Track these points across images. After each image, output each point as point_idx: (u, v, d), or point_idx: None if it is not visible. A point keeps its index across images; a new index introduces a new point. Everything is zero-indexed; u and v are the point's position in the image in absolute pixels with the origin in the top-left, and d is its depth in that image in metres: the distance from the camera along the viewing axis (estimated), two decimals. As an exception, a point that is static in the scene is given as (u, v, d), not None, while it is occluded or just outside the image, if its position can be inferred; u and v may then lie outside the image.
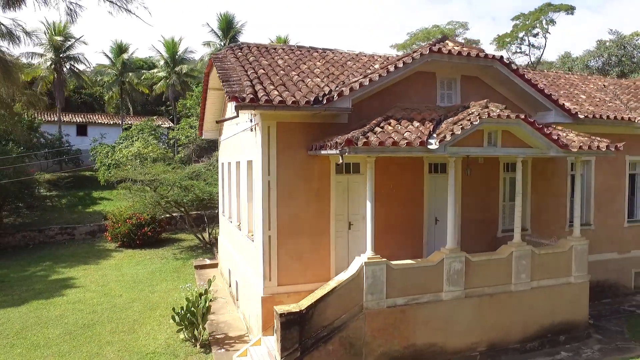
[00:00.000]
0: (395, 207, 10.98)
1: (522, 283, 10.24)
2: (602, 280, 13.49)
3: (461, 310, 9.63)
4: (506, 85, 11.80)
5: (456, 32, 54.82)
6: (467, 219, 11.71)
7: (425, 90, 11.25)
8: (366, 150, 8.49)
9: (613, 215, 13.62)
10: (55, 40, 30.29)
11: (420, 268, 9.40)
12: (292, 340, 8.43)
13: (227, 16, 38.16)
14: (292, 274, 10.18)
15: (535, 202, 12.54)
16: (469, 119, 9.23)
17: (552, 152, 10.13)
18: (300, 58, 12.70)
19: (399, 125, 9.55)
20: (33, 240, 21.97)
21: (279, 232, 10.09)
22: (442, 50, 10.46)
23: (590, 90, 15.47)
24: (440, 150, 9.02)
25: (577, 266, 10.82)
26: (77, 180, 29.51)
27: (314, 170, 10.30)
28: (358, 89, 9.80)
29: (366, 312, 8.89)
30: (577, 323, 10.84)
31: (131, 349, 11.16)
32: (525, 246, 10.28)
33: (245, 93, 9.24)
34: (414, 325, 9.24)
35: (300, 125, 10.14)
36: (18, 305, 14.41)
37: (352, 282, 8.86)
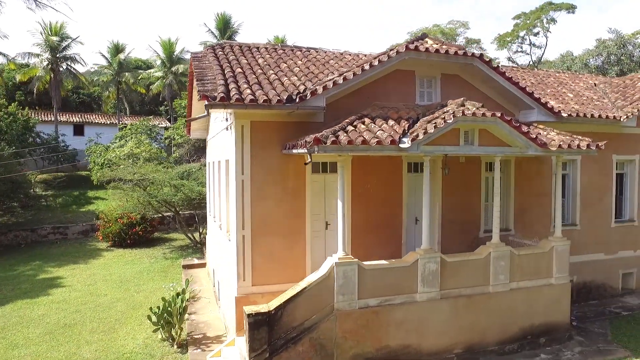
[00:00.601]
0: (373, 206, 10.86)
1: (501, 284, 10.08)
2: (588, 282, 13.29)
3: (436, 311, 9.49)
4: (488, 84, 11.65)
5: (457, 31, 54.56)
6: (448, 219, 11.56)
7: (404, 88, 11.11)
8: (335, 149, 8.37)
9: (600, 215, 13.41)
10: (51, 40, 30.42)
11: (393, 269, 9.27)
12: (261, 341, 8.34)
13: (224, 16, 38.19)
14: (267, 274, 10.08)
15: (518, 202, 12.37)
16: (443, 117, 9.10)
17: (530, 151, 9.97)
18: (281, 57, 12.61)
19: (372, 124, 9.43)
20: (25, 239, 22.03)
21: (253, 231, 9.99)
22: (419, 48, 10.33)
23: (580, 88, 15.27)
24: (413, 149, 8.89)
25: (558, 267, 10.65)
26: (73, 179, 29.61)
27: (288, 170, 10.20)
28: (331, 87, 9.68)
29: (337, 313, 8.78)
30: (558, 325, 10.66)
31: (109, 349, 11.11)
32: (503, 247, 10.13)
33: (216, 92, 9.16)
34: (387, 326, 9.11)
35: (275, 124, 10.04)
36: (2, 305, 14.41)
37: (322, 282, 8.75)
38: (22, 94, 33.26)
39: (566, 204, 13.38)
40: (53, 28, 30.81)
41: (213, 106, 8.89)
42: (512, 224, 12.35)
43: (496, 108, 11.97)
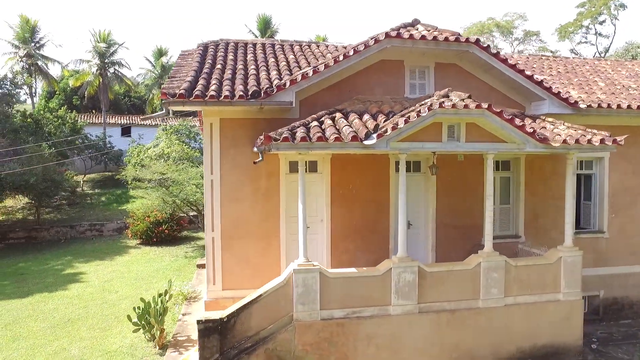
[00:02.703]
0: (356, 209, 10.07)
1: (493, 299, 8.90)
2: (620, 298, 11.53)
3: (414, 327, 8.54)
4: (491, 73, 10.42)
5: (514, 23, 51.44)
6: (444, 224, 10.48)
7: (392, 80, 10.20)
8: (289, 147, 7.75)
9: (635, 221, 11.57)
10: (99, 47, 32.31)
11: (362, 278, 8.45)
12: (212, 349, 7.91)
13: (265, 17, 38.56)
14: (239, 278, 9.66)
15: (530, 206, 10.97)
16: (418, 111, 8.15)
17: (529, 147, 8.71)
18: (275, 52, 12.16)
19: (343, 119, 8.68)
20: (65, 235, 23.35)
21: (223, 233, 9.61)
22: (402, 35, 9.38)
23: (619, 77, 13.36)
24: (381, 146, 8.04)
25: (567, 281, 9.24)
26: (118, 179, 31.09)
27: (261, 169, 9.70)
28: (300, 81, 9.04)
29: (296, 324, 8.14)
30: (567, 347, 9.25)
31: (97, 347, 11.22)
32: (497, 256, 8.93)
33: (178, 89, 8.87)
34: (354, 341, 8.32)
35: (246, 121, 9.59)
36: (22, 297, 15.20)
37: (280, 290, 8.15)
38: (78, 98, 35.64)
39: (592, 208, 11.71)
40: (101, 35, 32.76)
41: (171, 103, 8.60)
42: (522, 230, 10.97)
43: (502, 100, 10.72)
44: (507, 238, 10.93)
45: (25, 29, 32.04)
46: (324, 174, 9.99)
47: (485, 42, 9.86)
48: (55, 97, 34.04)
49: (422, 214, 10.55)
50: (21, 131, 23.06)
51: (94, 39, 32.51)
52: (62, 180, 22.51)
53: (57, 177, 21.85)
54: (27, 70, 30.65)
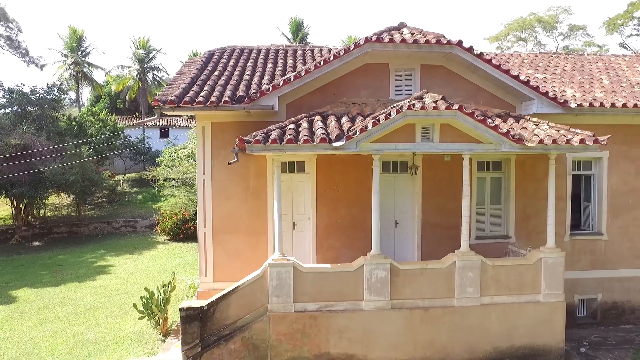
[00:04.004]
0: (341, 208, 10.45)
1: (469, 298, 9.00)
2: (620, 302, 11.17)
3: (386, 322, 8.81)
4: (478, 74, 10.47)
5: (559, 18, 49.50)
6: (430, 223, 10.63)
7: (377, 83, 10.48)
8: (261, 149, 8.26)
9: (637, 223, 11.16)
10: (139, 53, 34.37)
11: (336, 273, 8.83)
12: (193, 335, 8.58)
13: (297, 20, 39.40)
14: (229, 271, 10.30)
15: (521, 207, 10.88)
16: (387, 113, 8.44)
17: (504, 147, 8.75)
18: (276, 57, 12.75)
19: (320, 121, 9.10)
20: (102, 231, 25.11)
21: (215, 229, 10.29)
22: (382, 39, 9.67)
23: (632, 74, 12.86)
24: (351, 147, 8.39)
25: (548, 282, 9.16)
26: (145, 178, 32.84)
27: (249, 169, 10.29)
28: (282, 85, 9.55)
29: (271, 315, 8.65)
30: (547, 349, 9.18)
31: (110, 332, 12.25)
32: (472, 256, 9.02)
33: (170, 95, 9.62)
34: (327, 333, 8.71)
35: (236, 124, 10.21)
36: (56, 286, 16.67)
37: (256, 282, 8.70)
38: (121, 102, 38.05)
39: (591, 209, 11.41)
40: (140, 42, 34.83)
41: (162, 108, 9.36)
42: (512, 230, 10.90)
43: (491, 100, 10.75)
44: (498, 238, 10.92)
45: (73, 38, 34.76)
46: (310, 174, 10.44)
47: (468, 43, 9.85)
48: (101, 101, 36.55)
49: (408, 213, 10.76)
50: (65, 134, 25.02)
51: (134, 45, 34.70)
52: (99, 179, 24.23)
53: (94, 176, 23.57)
54: (75, 77, 33.23)
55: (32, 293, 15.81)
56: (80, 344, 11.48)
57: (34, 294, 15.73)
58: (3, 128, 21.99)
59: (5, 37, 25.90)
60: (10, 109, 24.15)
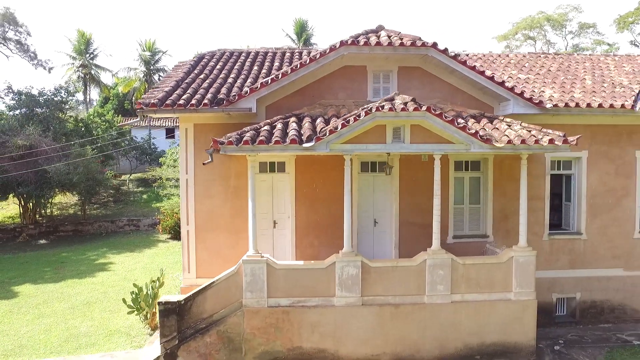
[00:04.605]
0: (320, 207, 10.71)
1: (439, 295, 9.18)
2: (599, 301, 11.22)
3: (357, 318, 9.05)
4: (455, 75, 10.63)
5: (568, 16, 49.07)
6: (408, 222, 10.83)
7: (355, 85, 10.72)
8: (233, 150, 8.57)
9: (616, 223, 11.19)
10: (145, 55, 35.10)
11: (308, 270, 9.11)
12: (171, 328, 8.93)
13: (301, 21, 39.73)
14: (211, 268, 10.62)
15: (499, 206, 11.00)
16: (357, 114, 8.68)
17: (474, 147, 8.93)
18: (264, 60, 13.07)
19: (295, 123, 9.38)
20: (106, 229, 25.74)
21: (197, 227, 10.64)
22: (357, 42, 9.91)
23: (618, 73, 12.87)
24: (321, 148, 8.66)
25: (519, 281, 9.29)
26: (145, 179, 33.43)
27: (230, 169, 10.61)
28: (260, 88, 9.85)
29: (245, 310, 8.96)
30: (518, 346, 9.32)
31: (102, 326, 12.71)
32: (443, 254, 9.21)
33: (154, 98, 9.99)
34: (299, 328, 8.99)
35: (217, 126, 10.54)
36: (56, 282, 17.23)
37: (231, 278, 9.02)
38: (129, 103, 38.83)
39: (571, 209, 11.48)
40: (147, 44, 35.58)
41: (144, 111, 9.74)
42: (490, 230, 11.04)
43: (469, 101, 10.91)
44: (476, 238, 11.06)
45: (81, 41, 35.66)
46: (290, 174, 10.73)
47: (443, 45, 10.04)
48: (109, 103, 37.41)
49: (387, 212, 10.97)
50: (72, 134, 25.70)
51: (140, 47, 35.45)
52: (103, 179, 24.84)
53: (98, 176, 24.18)
54: (82, 79, 34.10)
55: (33, 289, 16.37)
56: (72, 337, 11.94)
57: (35, 289, 16.29)
58: (11, 129, 22.70)
59: (15, 41, 26.76)
60: (18, 110, 24.88)
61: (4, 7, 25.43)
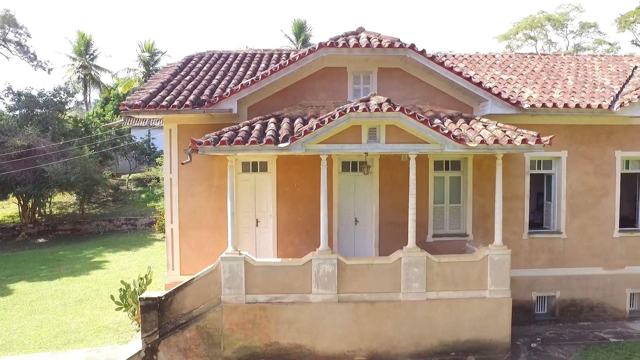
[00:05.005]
0: (301, 206, 10.89)
1: (414, 293, 9.34)
2: (579, 300, 11.32)
3: (333, 315, 9.23)
4: (435, 76, 10.78)
5: (569, 15, 49.02)
6: (388, 221, 10.99)
7: (335, 86, 10.91)
8: (212, 150, 8.78)
9: (596, 222, 11.29)
10: (144, 56, 35.46)
11: (285, 267, 9.29)
12: (152, 323, 9.16)
13: (299, 22, 39.93)
14: (195, 265, 10.84)
15: (479, 205, 11.13)
16: (332, 115, 8.86)
17: (448, 147, 9.08)
18: (251, 62, 13.28)
19: (274, 124, 9.57)
20: (104, 228, 26.08)
21: (181, 225, 10.87)
22: (336, 44, 10.09)
23: (602, 74, 12.96)
24: (296, 148, 8.85)
25: (494, 279, 9.43)
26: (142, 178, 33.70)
27: (213, 169, 10.82)
28: (240, 90, 10.05)
29: (224, 306, 9.16)
30: (493, 343, 9.46)
31: (92, 322, 12.97)
32: (418, 252, 9.37)
33: (138, 99, 10.22)
34: (276, 324, 9.19)
35: (200, 126, 10.75)
36: (51, 280, 17.53)
37: (210, 275, 9.23)
38: (130, 104, 39.17)
39: (552, 208, 11.60)
40: (146, 45, 35.95)
41: (128, 112, 9.97)
42: (470, 229, 11.17)
43: (449, 102, 11.07)
44: (456, 236, 11.21)
45: (81, 42, 36.08)
46: (272, 174, 10.93)
47: (420, 46, 10.19)
48: (110, 103, 37.80)
49: (367, 211, 11.14)
50: (70, 135, 26.04)
51: (140, 48, 35.83)
52: (100, 178, 25.17)
53: (96, 175, 24.50)
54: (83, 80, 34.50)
55: (29, 286, 16.68)
56: (62, 333, 12.20)
57: (30, 287, 16.59)
58: (10, 130, 23.04)
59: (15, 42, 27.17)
60: (18, 111, 25.24)
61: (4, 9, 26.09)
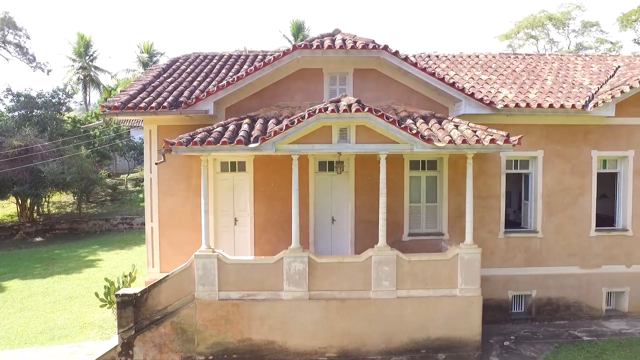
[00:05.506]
0: (278, 205, 11.06)
1: (384, 291, 9.47)
2: (555, 299, 11.39)
3: (304, 312, 9.39)
4: (410, 77, 10.91)
5: (571, 14, 48.85)
6: (364, 220, 11.13)
7: (311, 87, 11.06)
8: (185, 150, 8.98)
9: (572, 222, 11.35)
10: (143, 57, 35.87)
11: (257, 265, 9.47)
12: (128, 319, 9.38)
13: (298, 22, 40.15)
14: (174, 263, 11.04)
15: (455, 205, 11.23)
16: (301, 116, 9.03)
17: (417, 147, 9.20)
18: (234, 63, 13.48)
19: (247, 124, 9.75)
20: (100, 227, 26.44)
21: (161, 224, 11.09)
22: (310, 46, 10.25)
23: (584, 74, 13.01)
24: (267, 148, 9.02)
25: (464, 278, 9.54)
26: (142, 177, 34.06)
27: (192, 169, 11.02)
28: (217, 91, 10.24)
29: (197, 302, 9.36)
30: (464, 341, 9.57)
31: (79, 319, 13.25)
32: (388, 251, 9.50)
33: (117, 101, 10.45)
34: (248, 320, 9.37)
35: (180, 127, 10.96)
36: (44, 278, 17.87)
37: (184, 272, 9.43)
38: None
39: (529, 207, 11.67)
40: (145, 46, 36.35)
41: (107, 114, 10.20)
42: (446, 228, 11.28)
43: (424, 102, 11.19)
44: (432, 235, 11.32)
45: (80, 44, 36.59)
46: (249, 173, 11.12)
47: (393, 48, 10.32)
48: (111, 104, 38.25)
49: (344, 210, 11.29)
50: (69, 135, 26.43)
51: (139, 50, 36.23)
52: (97, 178, 25.52)
53: (92, 175, 24.85)
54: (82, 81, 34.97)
55: (22, 284, 17.01)
56: (48, 330, 12.48)
57: (23, 285, 16.93)
58: (8, 130, 23.43)
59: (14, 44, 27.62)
60: (17, 112, 25.64)
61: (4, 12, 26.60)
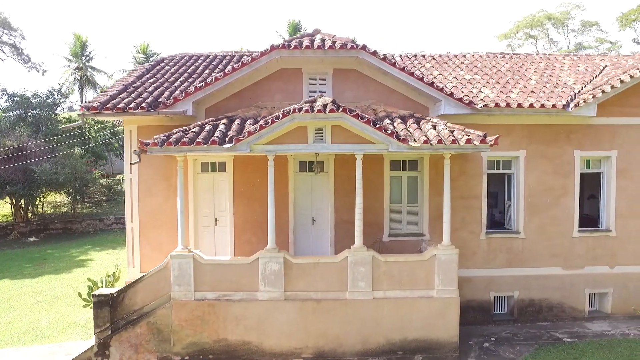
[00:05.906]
0: (258, 205, 11.03)
1: (361, 292, 9.43)
2: (538, 300, 11.31)
3: (280, 312, 9.36)
4: (389, 76, 10.86)
5: (570, 14, 48.69)
6: (344, 221, 11.08)
7: (291, 87, 11.03)
8: (159, 150, 8.98)
9: (555, 222, 11.26)
10: (139, 58, 35.94)
11: (233, 265, 9.46)
12: (104, 319, 9.38)
13: (294, 22, 40.08)
14: (154, 263, 11.01)
15: (435, 205, 11.17)
16: (275, 116, 9.00)
17: (392, 147, 9.16)
18: (219, 64, 13.48)
19: (224, 125, 9.74)
20: (94, 227, 26.51)
21: (141, 224, 11.09)
22: (288, 46, 10.23)
23: (569, 73, 12.93)
24: (242, 148, 9.01)
25: (441, 279, 9.48)
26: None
27: (172, 169, 11.00)
28: (194, 92, 10.23)
29: (173, 302, 9.35)
30: (441, 343, 9.51)
31: (63, 319, 13.26)
32: (364, 252, 9.46)
33: (96, 102, 10.45)
34: (224, 320, 9.35)
35: (160, 127, 10.94)
36: (34, 277, 17.91)
37: (160, 272, 9.42)
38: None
39: (512, 208, 11.60)
40: (141, 47, 36.41)
41: (86, 114, 10.21)
42: (426, 228, 11.22)
43: (404, 102, 11.15)
44: (413, 236, 11.27)
45: (77, 44, 36.71)
46: (229, 173, 11.10)
47: (372, 47, 10.27)
48: (108, 105, 38.35)
49: (324, 210, 11.25)
50: (62, 135, 26.49)
51: (135, 50, 36.29)
52: (90, 178, 25.58)
53: (86, 175, 24.91)
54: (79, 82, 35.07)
55: (11, 284, 17.07)
56: (31, 330, 12.50)
57: (12, 284, 16.99)
58: (1, 130, 23.52)
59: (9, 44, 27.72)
60: (12, 112, 25.73)
61: (-1, 13, 26.82)
